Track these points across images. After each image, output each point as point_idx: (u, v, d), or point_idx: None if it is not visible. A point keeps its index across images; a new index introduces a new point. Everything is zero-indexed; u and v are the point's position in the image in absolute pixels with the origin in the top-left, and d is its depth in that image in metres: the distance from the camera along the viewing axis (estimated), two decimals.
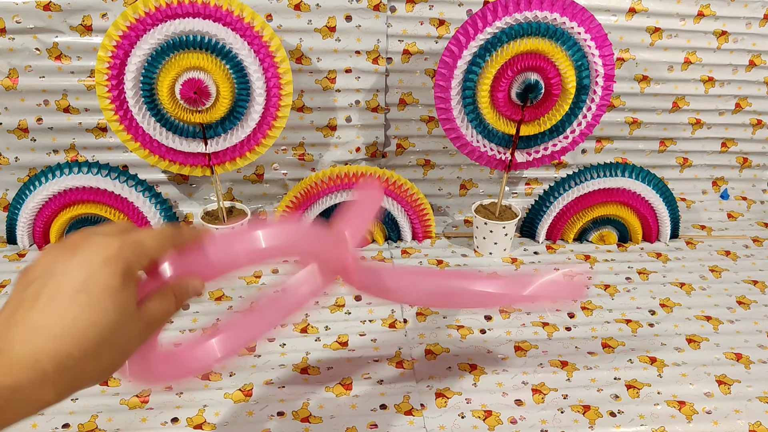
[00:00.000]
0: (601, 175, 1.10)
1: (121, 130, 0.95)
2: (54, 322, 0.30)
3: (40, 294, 0.31)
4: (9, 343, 0.29)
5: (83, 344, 0.30)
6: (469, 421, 0.74)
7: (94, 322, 0.31)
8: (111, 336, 0.32)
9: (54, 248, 0.34)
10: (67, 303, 0.31)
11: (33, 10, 0.96)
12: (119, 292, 0.33)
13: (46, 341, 0.29)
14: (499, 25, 0.92)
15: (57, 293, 0.31)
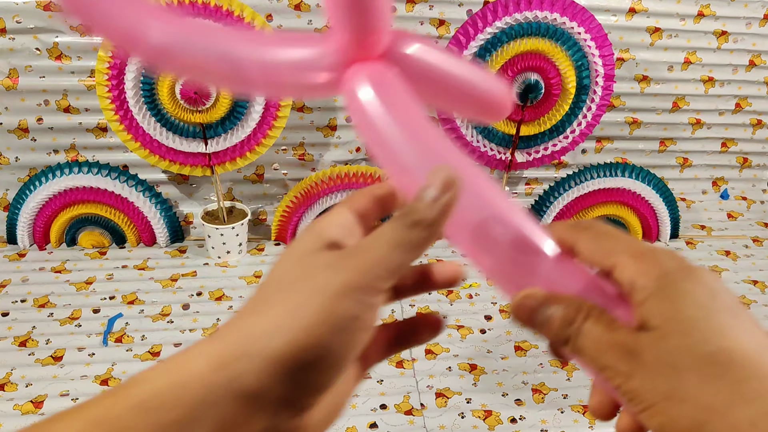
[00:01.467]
0: (601, 175, 1.10)
1: (121, 130, 0.95)
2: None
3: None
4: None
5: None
6: (469, 420, 0.74)
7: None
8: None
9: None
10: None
11: (33, 10, 0.96)
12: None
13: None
14: (499, 25, 0.92)
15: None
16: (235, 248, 1.05)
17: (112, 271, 1.01)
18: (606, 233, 0.28)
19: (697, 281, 0.25)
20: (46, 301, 0.93)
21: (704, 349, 0.23)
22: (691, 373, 0.23)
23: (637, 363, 0.24)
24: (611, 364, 0.25)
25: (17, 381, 0.78)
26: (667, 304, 0.24)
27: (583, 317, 0.27)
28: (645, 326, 0.25)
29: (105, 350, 0.84)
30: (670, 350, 0.24)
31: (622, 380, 0.25)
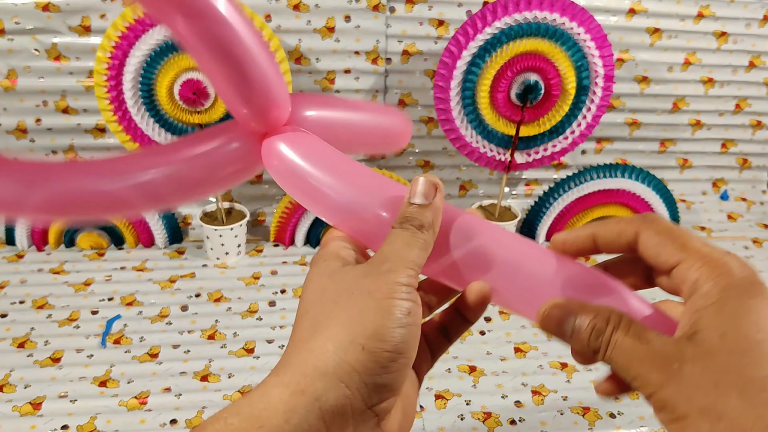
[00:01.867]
0: (600, 176, 1.10)
1: (119, 131, 0.95)
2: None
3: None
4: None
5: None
6: (469, 422, 0.74)
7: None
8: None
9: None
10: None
11: (32, 11, 0.96)
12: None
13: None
14: (498, 25, 0.91)
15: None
16: (234, 249, 1.05)
17: (110, 272, 1.01)
18: (674, 228, 0.27)
19: (763, 300, 0.24)
20: (45, 302, 0.93)
21: (754, 373, 0.22)
22: (734, 394, 0.22)
23: (674, 373, 0.24)
24: (642, 374, 0.25)
25: (16, 382, 0.78)
26: (727, 319, 0.24)
27: (613, 327, 0.26)
28: (695, 335, 0.24)
29: (103, 352, 0.84)
30: (716, 366, 0.23)
31: (654, 389, 0.24)
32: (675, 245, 0.26)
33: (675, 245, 0.26)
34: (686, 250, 0.26)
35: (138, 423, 0.73)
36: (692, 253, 0.26)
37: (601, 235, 0.29)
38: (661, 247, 0.27)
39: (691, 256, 0.26)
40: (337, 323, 0.26)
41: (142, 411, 0.75)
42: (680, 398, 0.23)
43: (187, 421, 0.73)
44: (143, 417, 0.74)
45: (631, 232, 0.28)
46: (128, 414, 0.74)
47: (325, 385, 0.25)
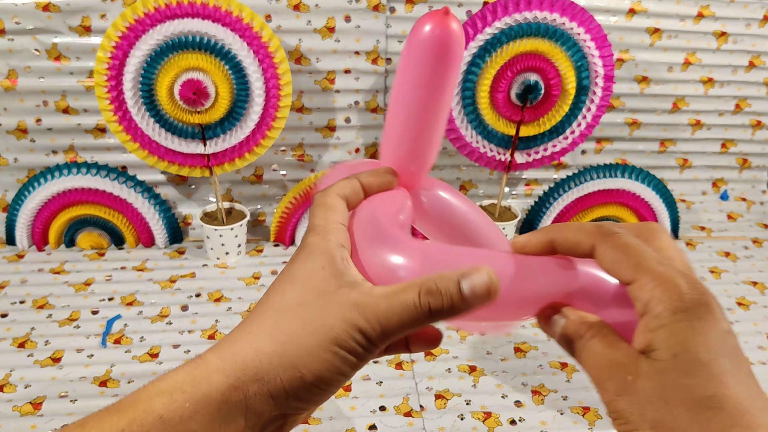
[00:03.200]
0: (600, 176, 1.10)
1: (120, 131, 0.95)
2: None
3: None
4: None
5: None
6: (469, 422, 0.74)
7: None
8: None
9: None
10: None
11: (32, 11, 0.96)
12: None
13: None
14: (498, 25, 0.92)
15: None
16: (234, 249, 1.05)
17: (110, 272, 1.01)
18: (630, 245, 0.28)
19: (711, 321, 0.25)
20: (45, 302, 0.93)
21: (699, 393, 0.24)
22: (683, 411, 0.24)
23: (629, 387, 0.26)
24: (602, 381, 0.27)
25: (16, 382, 0.78)
26: (678, 340, 0.25)
27: (592, 334, 0.28)
28: (649, 352, 0.26)
29: (104, 351, 0.84)
30: (667, 384, 0.25)
31: (611, 399, 0.26)
32: (629, 263, 0.27)
33: (629, 263, 0.27)
34: (639, 270, 0.27)
35: None
36: (645, 273, 0.27)
37: (560, 242, 0.30)
38: (616, 263, 0.28)
39: (644, 276, 0.27)
40: (293, 341, 0.28)
41: None
42: (633, 410, 0.25)
43: None
44: None
45: (588, 245, 0.29)
46: None
47: (256, 391, 0.27)
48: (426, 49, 0.30)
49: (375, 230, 0.31)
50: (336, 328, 0.27)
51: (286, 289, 0.29)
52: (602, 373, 0.27)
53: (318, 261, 0.29)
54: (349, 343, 0.28)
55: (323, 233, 0.30)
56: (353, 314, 0.28)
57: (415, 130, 0.32)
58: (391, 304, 0.28)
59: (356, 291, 0.28)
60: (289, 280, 0.29)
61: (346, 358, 0.28)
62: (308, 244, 0.30)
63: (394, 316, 0.28)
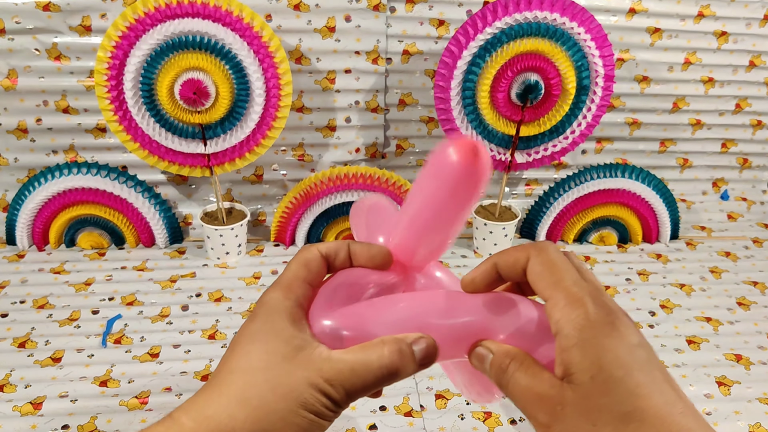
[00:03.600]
0: (601, 175, 1.10)
1: (120, 131, 0.95)
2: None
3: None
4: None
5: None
6: (469, 422, 0.74)
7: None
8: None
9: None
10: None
11: (32, 11, 0.96)
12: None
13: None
14: (498, 25, 0.92)
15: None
16: (234, 249, 1.05)
17: (111, 272, 1.01)
18: (555, 262, 0.29)
19: (618, 338, 0.27)
20: (45, 302, 0.93)
21: (621, 409, 0.25)
22: (608, 430, 0.25)
23: (558, 415, 0.26)
24: (533, 414, 0.27)
25: (16, 382, 0.78)
26: (590, 360, 0.26)
27: (515, 367, 0.29)
28: (568, 377, 0.27)
29: (104, 351, 0.84)
30: (591, 407, 0.26)
31: (544, 430, 0.27)
32: (549, 281, 0.28)
33: (549, 281, 0.28)
34: (555, 288, 0.28)
35: (139, 422, 0.73)
36: (559, 291, 0.28)
37: (501, 264, 0.31)
38: (539, 280, 0.29)
39: (557, 295, 0.28)
40: (264, 406, 0.28)
41: (143, 411, 0.75)
42: (565, 428, 0.26)
43: None
44: (144, 416, 0.74)
45: (523, 259, 0.30)
46: (129, 414, 0.74)
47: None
48: (452, 181, 0.30)
49: (329, 295, 0.33)
50: (304, 393, 0.29)
51: (251, 351, 0.30)
52: (531, 406, 0.28)
53: (278, 322, 0.30)
54: (316, 406, 0.29)
55: (285, 291, 0.31)
56: (318, 380, 0.29)
57: (431, 236, 0.34)
58: (355, 369, 0.29)
59: (316, 356, 0.29)
60: (252, 340, 0.30)
61: (315, 421, 0.29)
62: (268, 301, 0.31)
63: (358, 379, 0.29)
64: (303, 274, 0.32)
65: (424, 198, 0.33)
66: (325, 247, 0.33)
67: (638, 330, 0.28)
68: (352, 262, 0.34)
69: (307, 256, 0.33)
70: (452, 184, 0.30)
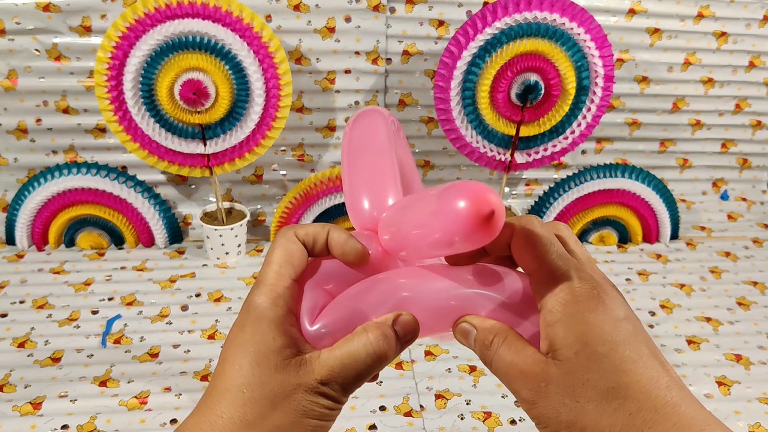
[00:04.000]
0: (601, 176, 1.10)
1: (120, 131, 0.95)
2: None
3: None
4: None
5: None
6: (469, 422, 0.74)
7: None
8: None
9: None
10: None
11: (32, 11, 0.96)
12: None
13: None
14: (498, 26, 0.92)
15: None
16: (234, 249, 1.05)
17: (110, 272, 1.01)
18: (539, 236, 0.28)
19: (603, 312, 0.26)
20: (45, 302, 0.93)
21: (604, 385, 0.25)
22: (592, 406, 0.25)
23: (542, 391, 0.26)
24: (518, 390, 0.27)
25: (16, 382, 0.78)
26: (575, 336, 0.26)
27: (499, 343, 0.29)
28: (553, 353, 0.26)
29: (104, 351, 0.84)
30: (575, 383, 0.25)
31: (528, 406, 0.27)
32: (533, 255, 0.28)
33: (533, 255, 0.28)
34: (539, 262, 0.28)
35: (138, 423, 0.73)
36: (543, 266, 0.27)
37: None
38: (523, 254, 0.29)
39: (541, 269, 0.27)
40: (267, 424, 0.28)
41: (143, 411, 0.75)
42: (550, 414, 0.26)
43: None
44: (143, 417, 0.74)
45: (508, 233, 0.29)
46: (128, 414, 0.74)
47: None
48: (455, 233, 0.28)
49: (314, 298, 0.32)
50: (303, 402, 0.28)
51: (243, 364, 0.29)
52: (515, 382, 0.27)
53: (268, 332, 0.29)
54: (317, 410, 0.29)
55: (272, 295, 0.30)
56: (313, 384, 0.29)
57: (421, 253, 0.32)
58: (345, 362, 0.29)
59: (307, 360, 0.29)
60: (243, 353, 0.29)
61: (319, 425, 0.29)
62: (256, 308, 0.30)
63: (350, 372, 0.29)
64: (288, 272, 0.31)
65: (422, 227, 0.30)
66: (304, 232, 0.32)
67: (625, 302, 0.28)
68: (329, 250, 0.32)
69: (290, 249, 0.31)
70: (454, 234, 0.28)
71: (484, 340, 0.29)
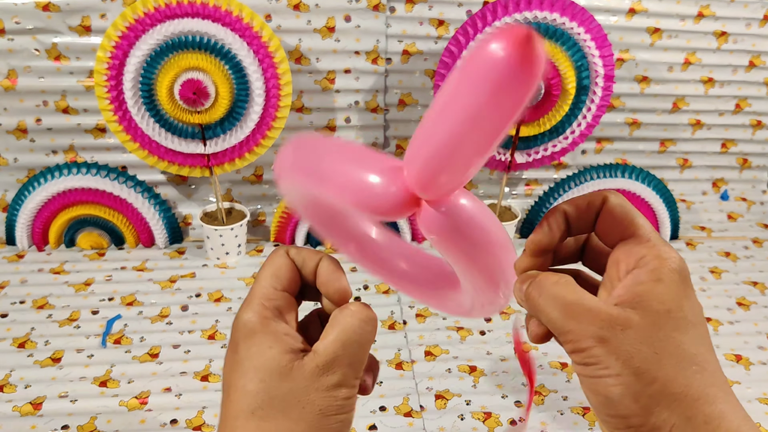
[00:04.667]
0: (600, 176, 1.10)
1: (120, 131, 0.95)
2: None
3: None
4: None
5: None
6: (469, 422, 0.74)
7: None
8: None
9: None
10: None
11: (32, 11, 0.96)
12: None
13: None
14: (498, 25, 0.91)
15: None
16: (234, 249, 1.05)
17: (110, 272, 1.01)
18: (632, 207, 0.29)
19: (693, 292, 0.27)
20: (45, 302, 0.93)
21: (690, 350, 0.26)
22: (672, 362, 0.25)
23: (615, 334, 0.26)
24: (577, 330, 0.27)
25: (16, 382, 0.78)
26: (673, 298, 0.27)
27: (556, 279, 0.29)
28: (641, 304, 0.26)
29: (104, 352, 0.84)
30: (660, 337, 0.26)
31: (588, 346, 0.26)
32: (633, 220, 0.29)
33: (633, 220, 0.29)
34: (641, 227, 0.29)
35: (138, 423, 0.73)
36: (644, 233, 0.28)
37: (571, 210, 0.31)
38: (622, 218, 0.29)
39: (644, 235, 0.28)
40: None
41: (143, 411, 0.75)
42: (616, 357, 0.26)
43: (187, 421, 0.73)
44: (143, 417, 0.74)
45: (599, 201, 0.30)
46: (128, 414, 0.74)
47: None
48: (497, 82, 0.23)
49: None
50: (316, 402, 0.28)
51: (246, 385, 0.28)
52: (578, 322, 0.27)
53: (262, 344, 0.28)
54: (333, 405, 0.28)
55: (259, 308, 0.29)
56: (320, 379, 0.28)
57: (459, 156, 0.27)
58: (341, 339, 0.29)
59: (308, 359, 0.28)
60: (243, 373, 0.28)
61: (338, 417, 0.28)
62: (246, 325, 0.29)
63: (352, 347, 0.29)
64: (273, 284, 0.30)
65: (455, 106, 0.25)
66: (295, 251, 0.32)
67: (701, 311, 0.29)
68: (315, 278, 0.32)
69: (277, 264, 0.31)
70: (496, 85, 0.23)
71: (536, 281, 0.29)
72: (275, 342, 0.28)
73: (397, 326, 0.90)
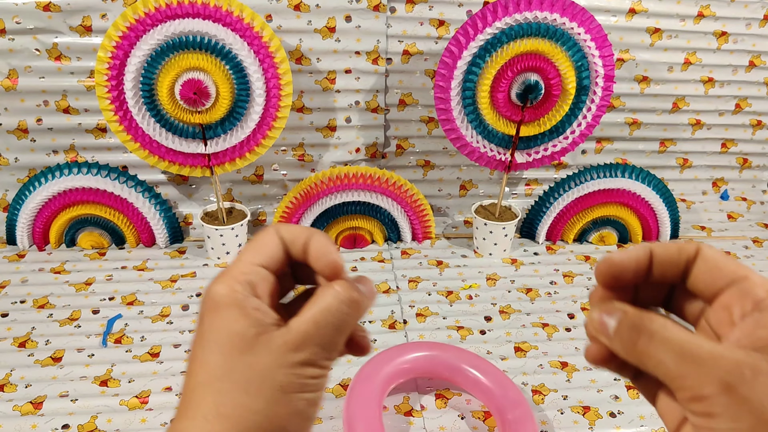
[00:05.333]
0: (601, 175, 1.10)
1: (120, 131, 0.95)
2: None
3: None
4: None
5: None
6: (469, 422, 0.74)
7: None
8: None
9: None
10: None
11: (33, 11, 0.96)
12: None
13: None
14: (498, 25, 0.92)
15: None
16: (235, 249, 1.05)
17: (111, 271, 1.01)
18: (726, 255, 0.28)
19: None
20: (46, 301, 0.93)
21: None
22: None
23: (742, 381, 0.23)
24: (692, 375, 0.24)
25: (16, 382, 0.78)
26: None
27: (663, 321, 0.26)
28: (766, 351, 0.24)
29: (104, 351, 0.84)
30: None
31: (710, 393, 0.23)
32: (736, 266, 0.27)
33: (736, 266, 0.27)
34: (749, 272, 0.26)
35: (139, 422, 0.73)
36: (755, 277, 0.26)
37: (659, 252, 0.28)
38: (723, 265, 0.27)
39: (755, 279, 0.26)
40: (244, 412, 0.26)
41: (143, 410, 0.75)
42: (748, 409, 0.23)
43: None
44: (144, 416, 0.74)
45: (692, 250, 0.28)
46: (129, 413, 0.74)
47: None
48: None
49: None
50: (278, 377, 0.27)
51: (207, 359, 0.27)
52: (698, 363, 0.24)
53: (226, 317, 0.27)
54: (295, 382, 0.27)
55: (229, 279, 0.28)
56: (286, 356, 0.27)
57: None
58: (317, 320, 0.27)
59: (276, 334, 0.27)
60: (205, 346, 0.27)
61: (301, 395, 0.27)
62: (212, 297, 0.28)
63: (326, 328, 0.28)
64: (253, 259, 0.29)
65: None
66: (285, 229, 0.30)
67: None
68: (306, 256, 0.30)
69: (262, 240, 0.30)
70: None
71: (637, 321, 0.26)
72: (241, 315, 0.27)
73: (398, 325, 0.90)
